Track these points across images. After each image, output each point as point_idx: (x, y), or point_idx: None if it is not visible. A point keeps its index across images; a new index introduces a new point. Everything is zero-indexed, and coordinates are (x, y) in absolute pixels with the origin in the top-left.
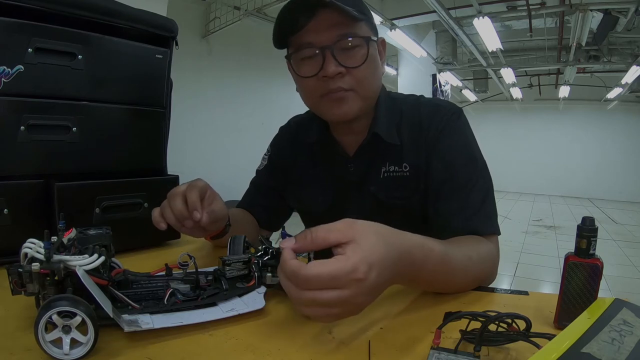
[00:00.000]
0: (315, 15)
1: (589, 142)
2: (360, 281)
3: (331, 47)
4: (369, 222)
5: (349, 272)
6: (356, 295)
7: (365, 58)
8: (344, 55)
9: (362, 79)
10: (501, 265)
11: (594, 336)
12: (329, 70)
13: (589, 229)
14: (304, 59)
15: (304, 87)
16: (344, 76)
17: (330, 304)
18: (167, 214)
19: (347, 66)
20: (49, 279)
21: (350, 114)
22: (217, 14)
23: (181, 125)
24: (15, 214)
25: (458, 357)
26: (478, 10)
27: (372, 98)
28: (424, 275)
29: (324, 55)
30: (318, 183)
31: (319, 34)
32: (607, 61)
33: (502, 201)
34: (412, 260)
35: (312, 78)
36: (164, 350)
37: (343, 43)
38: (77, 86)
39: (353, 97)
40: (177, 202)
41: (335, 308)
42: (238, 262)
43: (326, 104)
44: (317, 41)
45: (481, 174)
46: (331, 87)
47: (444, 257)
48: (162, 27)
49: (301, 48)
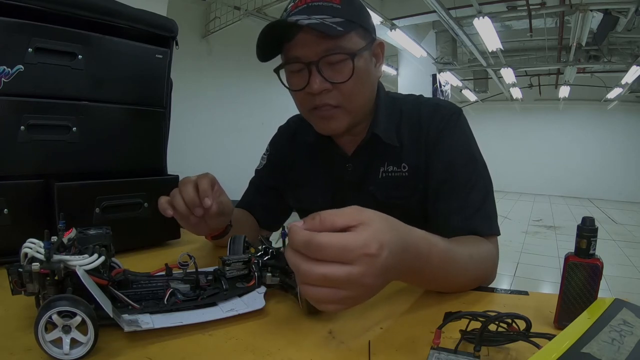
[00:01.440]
0: (299, 31)
1: (589, 142)
2: (372, 257)
3: (317, 62)
4: (376, 211)
5: (361, 246)
6: (366, 274)
7: (352, 73)
8: (330, 71)
9: (350, 94)
10: (501, 265)
11: (594, 336)
12: (314, 87)
13: (589, 229)
14: (292, 72)
15: (295, 99)
16: (330, 91)
17: (340, 282)
18: (177, 200)
19: (333, 82)
20: (49, 278)
21: (338, 131)
22: (217, 14)
23: (181, 125)
24: (15, 214)
25: (458, 357)
26: (478, 10)
27: (362, 109)
28: (427, 270)
29: (309, 70)
30: (317, 182)
31: (305, 48)
32: (607, 61)
33: (502, 201)
34: (418, 252)
35: (300, 92)
36: (164, 350)
37: (329, 59)
38: (77, 86)
39: (341, 114)
40: (188, 189)
41: (344, 289)
42: (238, 262)
43: (315, 119)
44: (303, 55)
45: (481, 174)
46: (317, 103)
47: (447, 252)
48: (162, 27)
49: (289, 62)
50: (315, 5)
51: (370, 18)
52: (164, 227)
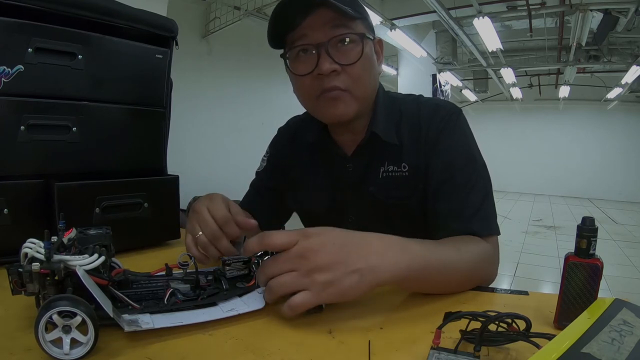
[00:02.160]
0: (310, 13)
1: (589, 142)
2: (312, 235)
3: (326, 44)
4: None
5: (301, 233)
6: (310, 248)
7: (360, 55)
8: (338, 53)
9: (357, 78)
10: (501, 265)
11: (594, 336)
12: (324, 68)
13: (589, 229)
14: (299, 56)
15: (300, 87)
16: (339, 74)
17: (290, 259)
18: (209, 249)
19: (342, 63)
20: (49, 278)
21: (346, 115)
22: (217, 14)
23: (181, 125)
24: (15, 214)
25: (458, 357)
26: (478, 10)
27: (367, 99)
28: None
29: (318, 52)
30: (317, 183)
31: (314, 31)
32: (607, 61)
33: (502, 201)
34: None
35: (307, 76)
36: (164, 350)
37: (339, 38)
38: (77, 86)
39: (349, 98)
40: (215, 233)
41: (303, 271)
42: (238, 262)
43: (322, 104)
44: (312, 38)
45: (480, 174)
46: (326, 85)
47: (429, 250)
48: (162, 27)
49: (296, 45)
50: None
51: (370, 18)
52: (164, 227)
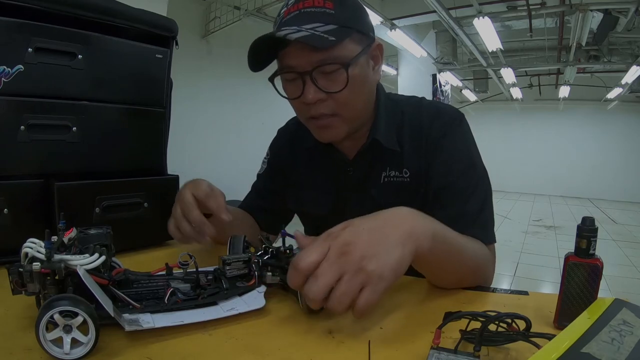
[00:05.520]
0: (289, 44)
1: (589, 142)
2: (344, 230)
3: (310, 72)
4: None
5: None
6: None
7: (346, 82)
8: (324, 80)
9: (345, 103)
10: (501, 266)
11: (594, 336)
12: (309, 97)
13: (589, 229)
14: (287, 80)
15: (292, 106)
16: (325, 101)
17: (333, 261)
18: (184, 227)
19: (327, 91)
20: (49, 278)
21: (337, 138)
22: (217, 14)
23: (181, 125)
24: (15, 214)
25: (458, 357)
26: (478, 10)
27: (360, 117)
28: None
29: (303, 80)
30: (318, 186)
31: (298, 58)
32: (607, 61)
33: (502, 201)
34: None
35: (296, 100)
36: (165, 349)
37: (322, 69)
38: (77, 86)
39: (338, 122)
40: (194, 215)
41: (350, 271)
42: (238, 262)
43: (313, 128)
44: (297, 65)
45: (480, 180)
46: (313, 113)
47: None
48: (162, 27)
49: (283, 71)
50: (308, 12)
51: (368, 17)
52: (164, 227)
